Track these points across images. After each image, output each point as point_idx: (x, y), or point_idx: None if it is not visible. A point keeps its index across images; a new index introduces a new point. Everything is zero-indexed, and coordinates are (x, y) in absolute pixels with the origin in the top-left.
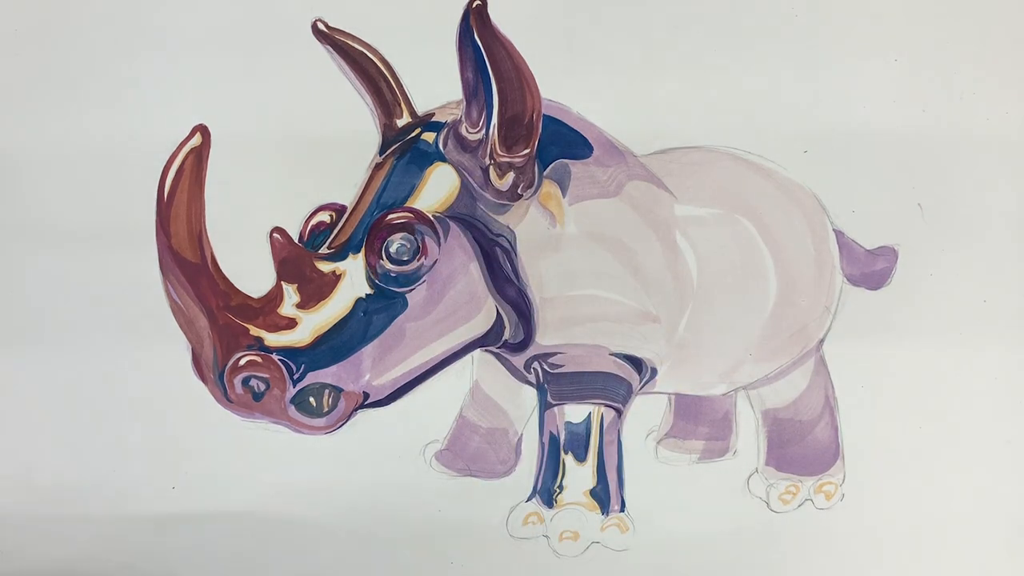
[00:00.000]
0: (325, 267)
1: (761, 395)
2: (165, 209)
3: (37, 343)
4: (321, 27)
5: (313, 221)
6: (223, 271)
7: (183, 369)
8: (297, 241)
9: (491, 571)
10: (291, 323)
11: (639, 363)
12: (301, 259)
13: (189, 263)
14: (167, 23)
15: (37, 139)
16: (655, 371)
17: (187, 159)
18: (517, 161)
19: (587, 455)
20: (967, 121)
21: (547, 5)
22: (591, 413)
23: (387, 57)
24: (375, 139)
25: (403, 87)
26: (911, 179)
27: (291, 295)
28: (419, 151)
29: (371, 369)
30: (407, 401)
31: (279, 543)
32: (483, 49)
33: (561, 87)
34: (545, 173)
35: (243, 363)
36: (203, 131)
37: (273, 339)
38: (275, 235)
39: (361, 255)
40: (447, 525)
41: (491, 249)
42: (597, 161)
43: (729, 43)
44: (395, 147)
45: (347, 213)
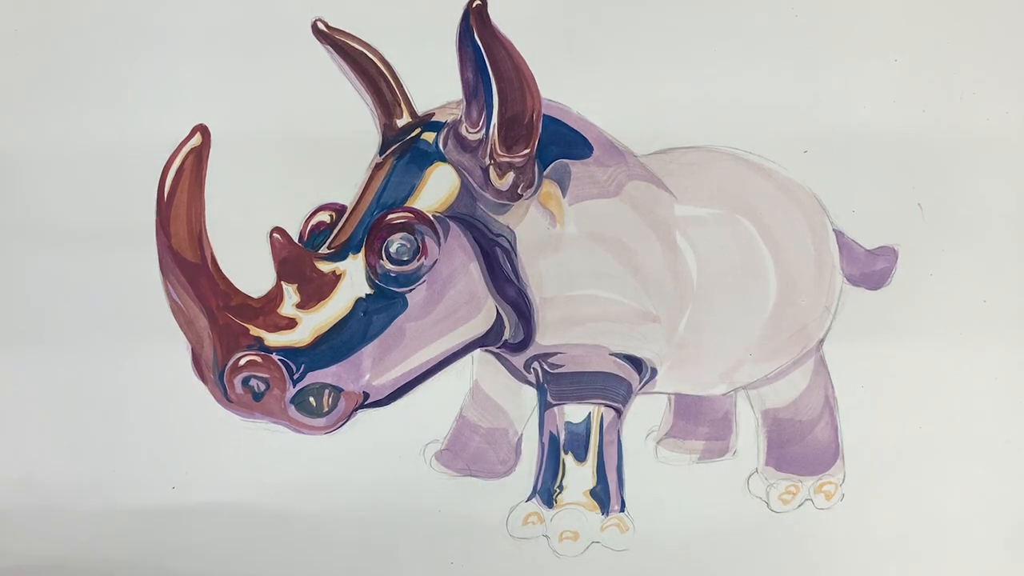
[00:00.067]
0: (325, 267)
1: (761, 395)
2: (165, 209)
3: (37, 343)
4: (321, 27)
5: (313, 221)
6: (223, 271)
7: (183, 369)
8: (297, 241)
9: (491, 571)
10: (291, 323)
11: (639, 363)
12: (301, 259)
13: (189, 263)
14: (167, 23)
15: (37, 139)
16: (655, 371)
17: (187, 159)
18: (517, 161)
19: (587, 455)
20: (967, 121)
21: (547, 5)
22: (591, 413)
23: (387, 57)
24: (375, 139)
25: (403, 87)
26: (911, 179)
27: (291, 295)
28: (419, 151)
29: (371, 369)
30: (407, 401)
31: (279, 543)
32: (483, 49)
33: (561, 87)
34: (545, 173)
35: (243, 363)
36: (203, 131)
37: (273, 339)
38: (275, 235)
39: (361, 255)
40: (447, 525)
41: (491, 249)
42: (597, 161)
43: (729, 43)
44: (395, 147)
45: (347, 213)
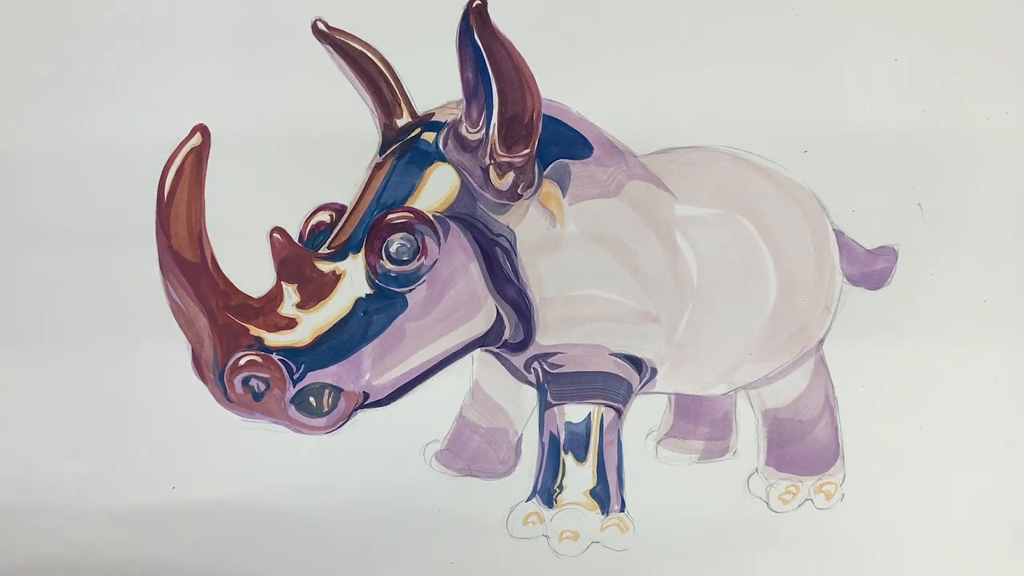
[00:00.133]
0: (325, 267)
1: (761, 395)
2: (165, 209)
3: (37, 343)
4: (321, 27)
5: (313, 221)
6: (223, 271)
7: (183, 369)
8: (297, 241)
9: (491, 571)
10: (291, 323)
11: (639, 363)
12: (301, 259)
13: (189, 263)
14: (167, 23)
15: (37, 139)
16: (655, 371)
17: (187, 159)
18: (517, 161)
19: (587, 455)
20: (967, 121)
21: (547, 5)
22: (591, 413)
23: (387, 57)
24: (375, 139)
25: (403, 87)
26: (911, 179)
27: (291, 295)
28: (419, 151)
29: (371, 369)
30: (407, 401)
31: (279, 542)
32: (483, 49)
33: (561, 87)
34: (545, 173)
35: (243, 363)
36: (203, 131)
37: (273, 339)
38: (275, 235)
39: (361, 255)
40: (447, 525)
41: (491, 249)
42: (597, 161)
43: (729, 43)
44: (395, 147)
45: (347, 213)
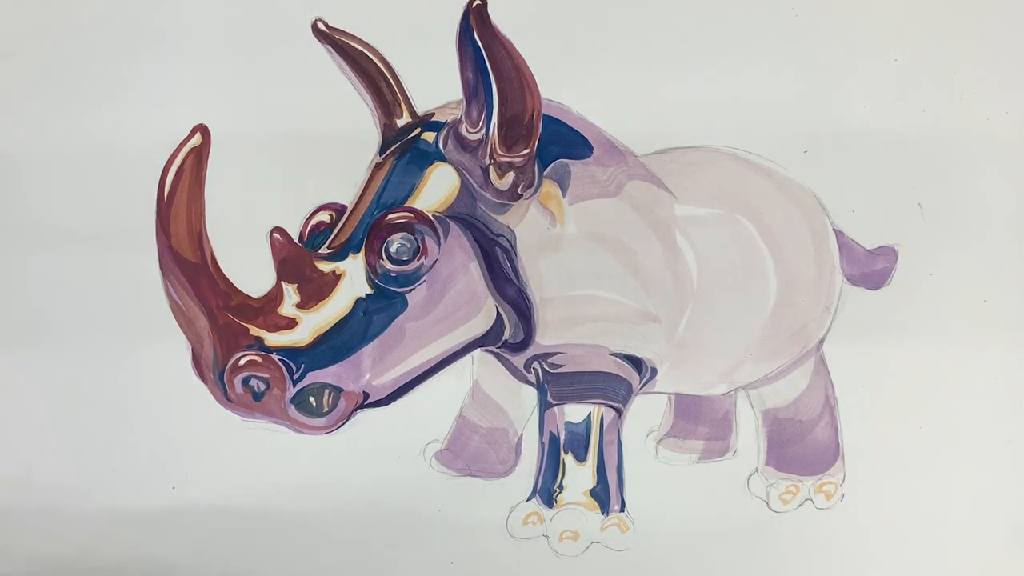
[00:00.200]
0: (325, 267)
1: (761, 395)
2: (165, 209)
3: (37, 343)
4: (321, 27)
5: (313, 221)
6: (223, 271)
7: (183, 369)
8: (297, 241)
9: (491, 571)
10: (291, 323)
11: (639, 363)
12: (301, 259)
13: (189, 263)
14: (167, 23)
15: (37, 139)
16: (655, 371)
17: (187, 159)
18: (517, 161)
19: (587, 455)
20: (967, 121)
21: (547, 5)
22: (591, 413)
23: (387, 57)
24: (375, 139)
25: (403, 87)
26: (911, 179)
27: (291, 295)
28: (419, 151)
29: (371, 369)
30: (407, 401)
31: (279, 543)
32: (483, 49)
33: (561, 87)
34: (545, 173)
35: (243, 363)
36: (203, 131)
37: (273, 339)
38: (275, 235)
39: (361, 255)
40: (447, 525)
41: (491, 249)
42: (597, 161)
43: (729, 43)
44: (395, 147)
45: (347, 213)
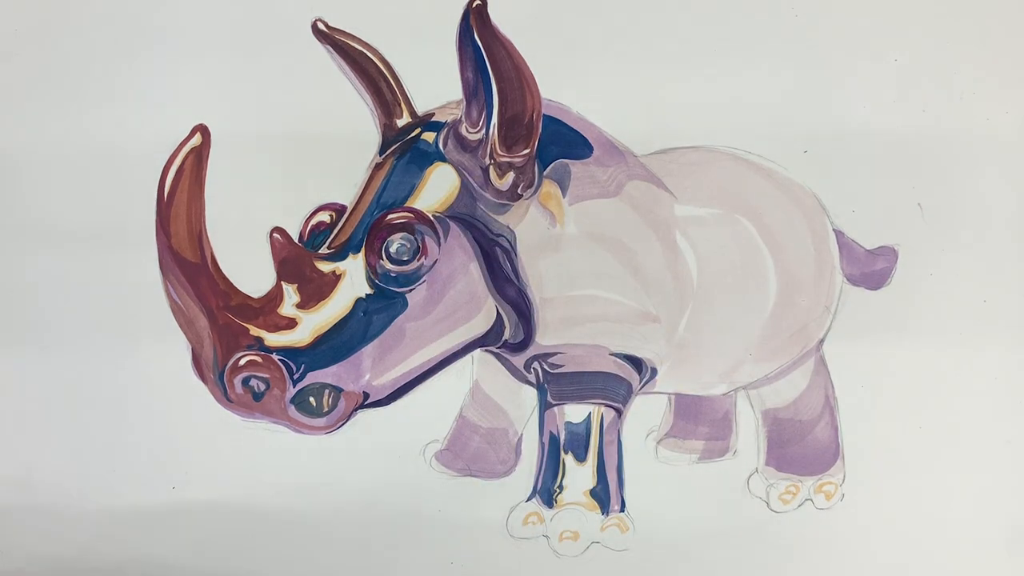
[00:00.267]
0: (325, 267)
1: (761, 395)
2: (165, 209)
3: (37, 343)
4: (321, 27)
5: (313, 221)
6: (223, 271)
7: (183, 369)
8: (297, 241)
9: (491, 571)
10: (291, 323)
11: (639, 363)
12: (301, 259)
13: (189, 263)
14: (167, 23)
15: (37, 139)
16: (655, 371)
17: (187, 159)
18: (517, 161)
19: (587, 455)
20: (967, 121)
21: (547, 5)
22: (591, 413)
23: (387, 57)
24: (375, 139)
25: (403, 87)
26: (911, 179)
27: (291, 295)
28: (419, 151)
29: (371, 369)
30: (407, 401)
31: (279, 543)
32: (483, 49)
33: (561, 87)
34: (545, 173)
35: (243, 363)
36: (203, 131)
37: (273, 339)
38: (275, 235)
39: (361, 255)
40: (447, 525)
41: (491, 249)
42: (597, 161)
43: (729, 43)
44: (395, 147)
45: (347, 213)
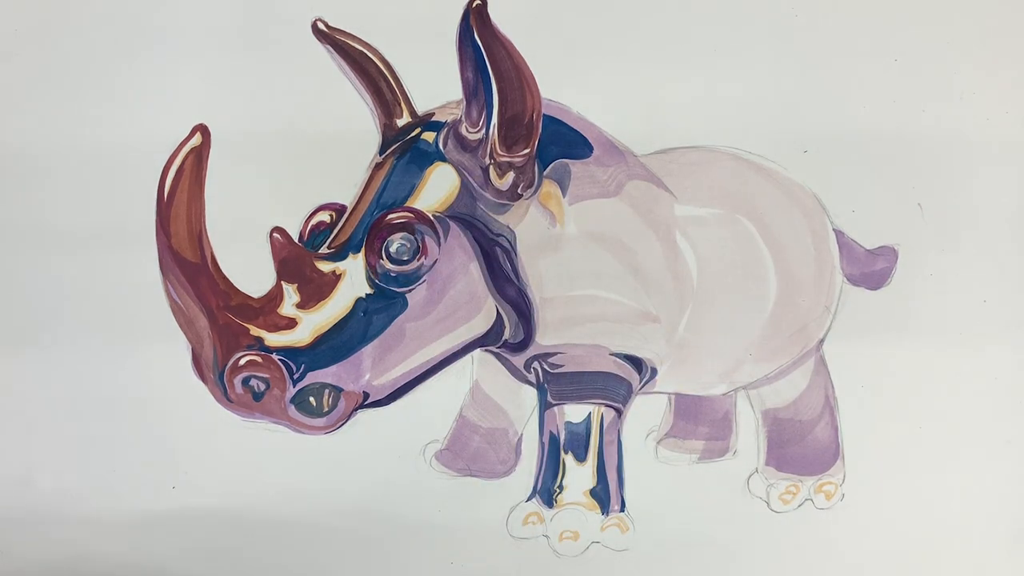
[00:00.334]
0: (325, 267)
1: (761, 395)
2: (165, 209)
3: (37, 343)
4: (321, 27)
5: (313, 221)
6: (223, 271)
7: (183, 369)
8: (297, 241)
9: (491, 571)
10: (291, 323)
11: (639, 363)
12: (301, 259)
13: (189, 263)
14: (167, 23)
15: (37, 139)
16: (655, 371)
17: (187, 159)
18: (517, 161)
19: (587, 455)
20: (967, 121)
21: (547, 5)
22: (591, 413)
23: (387, 57)
24: (375, 139)
25: (403, 87)
26: (911, 179)
27: (291, 295)
28: (419, 151)
29: (371, 369)
30: (407, 401)
31: (279, 543)
32: (483, 49)
33: (561, 87)
34: (545, 173)
35: (243, 363)
36: (203, 131)
37: (273, 339)
38: (275, 235)
39: (361, 255)
40: (447, 525)
41: (491, 249)
42: (597, 161)
43: (729, 43)
44: (395, 147)
45: (347, 213)
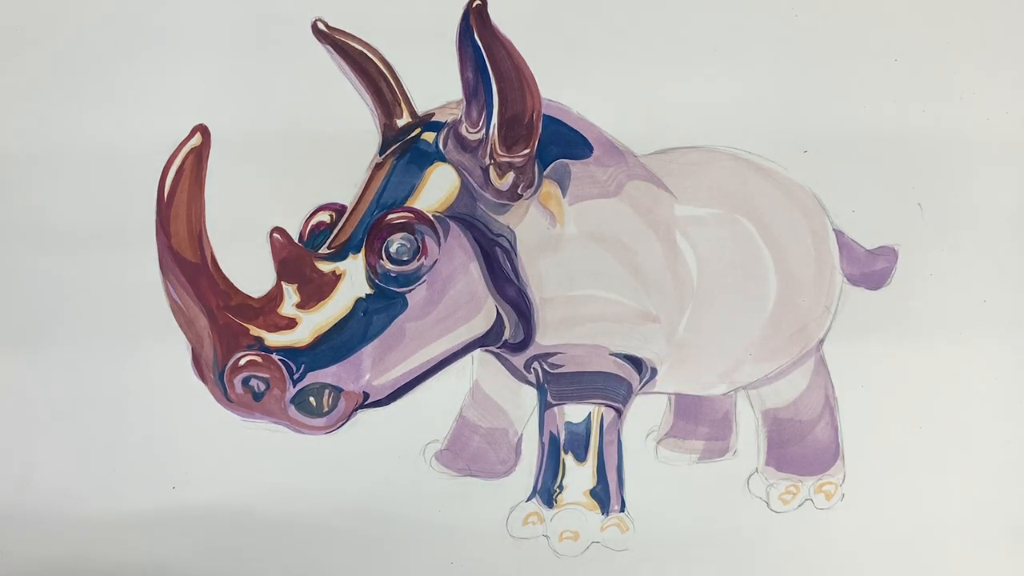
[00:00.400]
0: (325, 267)
1: (761, 395)
2: (165, 209)
3: (37, 343)
4: (321, 27)
5: (313, 221)
6: (223, 271)
7: (183, 369)
8: (297, 241)
9: (491, 571)
10: (291, 323)
11: (639, 363)
12: (301, 259)
13: (189, 263)
14: (167, 23)
15: (37, 139)
16: (655, 371)
17: (187, 159)
18: (517, 161)
19: (587, 455)
20: (967, 121)
21: (547, 5)
22: (591, 413)
23: (387, 57)
24: (375, 139)
25: (403, 87)
26: (911, 179)
27: (291, 295)
28: (419, 151)
29: (371, 369)
30: (407, 401)
31: (279, 543)
32: (483, 49)
33: (561, 87)
34: (545, 173)
35: (243, 363)
36: (203, 131)
37: (273, 339)
38: (275, 235)
39: (361, 255)
40: (447, 525)
41: (491, 249)
42: (597, 161)
43: (729, 43)
44: (395, 147)
45: (347, 213)
